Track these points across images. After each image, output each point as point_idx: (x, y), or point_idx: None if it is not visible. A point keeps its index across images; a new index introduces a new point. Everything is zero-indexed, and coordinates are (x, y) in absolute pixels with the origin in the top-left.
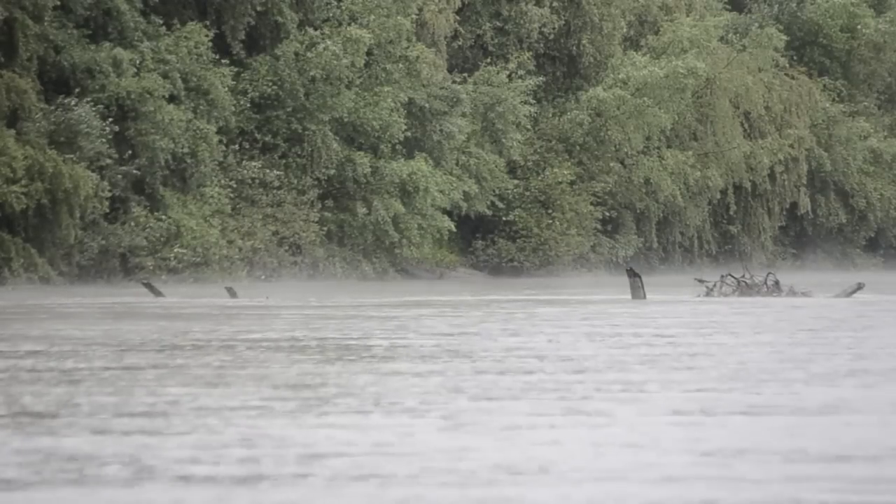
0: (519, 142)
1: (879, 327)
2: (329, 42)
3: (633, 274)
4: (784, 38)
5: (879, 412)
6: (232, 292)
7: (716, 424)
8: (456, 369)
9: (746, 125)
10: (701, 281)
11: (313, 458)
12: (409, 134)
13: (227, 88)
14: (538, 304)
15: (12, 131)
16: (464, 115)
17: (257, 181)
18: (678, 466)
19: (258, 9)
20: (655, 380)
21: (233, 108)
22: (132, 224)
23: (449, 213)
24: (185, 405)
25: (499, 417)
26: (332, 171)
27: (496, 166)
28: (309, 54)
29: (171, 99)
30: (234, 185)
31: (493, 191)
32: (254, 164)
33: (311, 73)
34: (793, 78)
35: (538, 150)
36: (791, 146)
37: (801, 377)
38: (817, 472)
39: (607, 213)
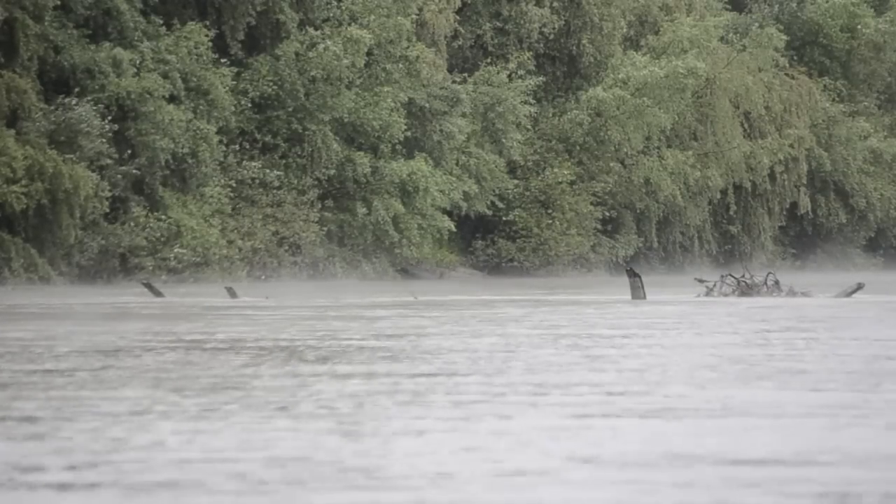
0: (519, 142)
1: (852, 328)
2: (329, 42)
3: (632, 274)
4: (784, 38)
5: (772, 416)
6: (232, 292)
7: (587, 427)
8: (386, 371)
9: (746, 125)
10: (701, 281)
11: (182, 463)
12: (409, 134)
13: (227, 88)
14: (521, 305)
15: (12, 131)
16: (464, 115)
17: (257, 181)
18: (534, 472)
19: (258, 9)
20: (570, 382)
21: (233, 108)
22: (132, 224)
23: (449, 213)
24: (73, 409)
25: (391, 422)
26: (332, 171)
27: (496, 166)
28: (309, 54)
29: (171, 99)
30: (234, 185)
31: (493, 191)
32: (254, 164)
33: (312, 73)
34: (793, 78)
35: (538, 150)
36: (791, 146)
37: (717, 378)
38: (680, 476)
39: (607, 213)
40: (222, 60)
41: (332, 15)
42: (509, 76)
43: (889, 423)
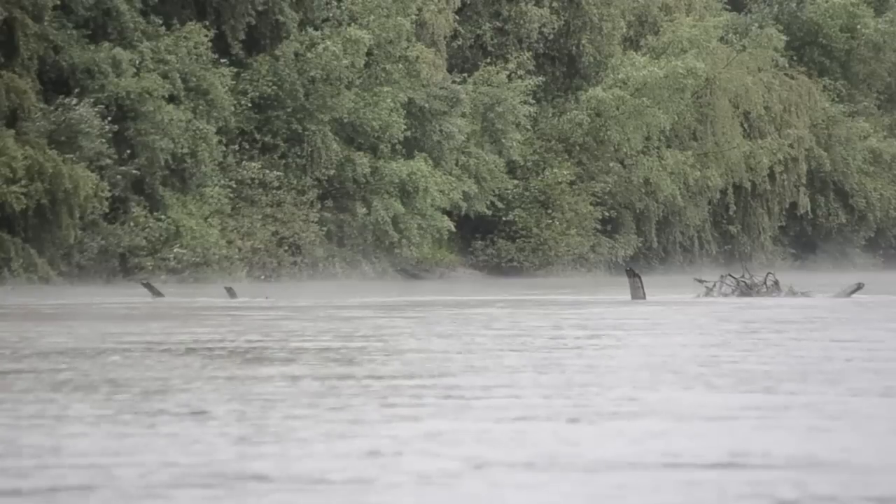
0: (519, 142)
1: (824, 329)
2: (329, 42)
3: (632, 274)
4: (784, 38)
5: (684, 417)
6: (231, 292)
7: (494, 431)
8: (320, 373)
9: (746, 125)
10: (700, 281)
11: (48, 468)
12: (408, 134)
13: (226, 88)
14: (504, 305)
15: (12, 131)
16: (463, 115)
17: (257, 181)
18: (426, 476)
19: (258, 9)
20: (500, 384)
21: (232, 109)
22: (132, 224)
23: (449, 213)
24: None
25: (300, 425)
26: (332, 172)
27: (496, 166)
28: (309, 54)
29: (171, 99)
30: (234, 186)
31: (493, 191)
32: (253, 164)
33: (311, 74)
34: (792, 78)
35: (538, 151)
36: (791, 146)
37: (653, 380)
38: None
39: (607, 213)
40: (222, 60)
41: (331, 15)
42: (509, 76)
43: (796, 426)
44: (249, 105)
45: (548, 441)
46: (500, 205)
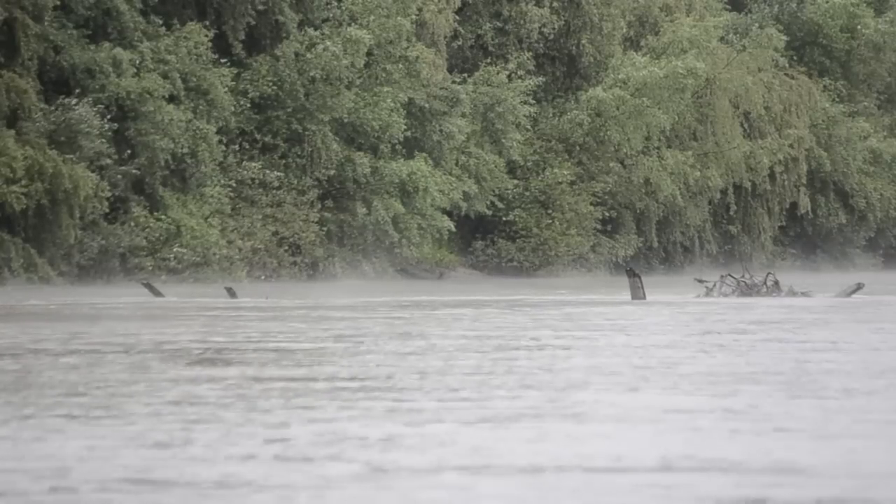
0: (519, 142)
1: (801, 331)
2: (329, 42)
3: (632, 274)
4: (784, 38)
5: (618, 420)
6: (231, 292)
7: (413, 434)
8: (261, 375)
9: (746, 125)
10: (701, 281)
11: None
12: (408, 134)
13: (226, 89)
14: (484, 306)
15: (12, 131)
16: (464, 115)
17: (257, 181)
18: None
19: (258, 9)
20: (439, 387)
21: (232, 109)
22: (132, 224)
23: (449, 213)
24: None
25: (213, 427)
26: (332, 172)
27: (496, 166)
28: (309, 55)
29: (171, 99)
30: (234, 186)
31: (493, 191)
32: (253, 164)
33: (311, 74)
34: (793, 78)
35: (538, 151)
36: (791, 146)
37: (593, 382)
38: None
39: (607, 213)
40: (222, 60)
41: (331, 15)
42: (509, 76)
43: (718, 429)
44: (249, 105)
45: (465, 443)
46: (500, 205)
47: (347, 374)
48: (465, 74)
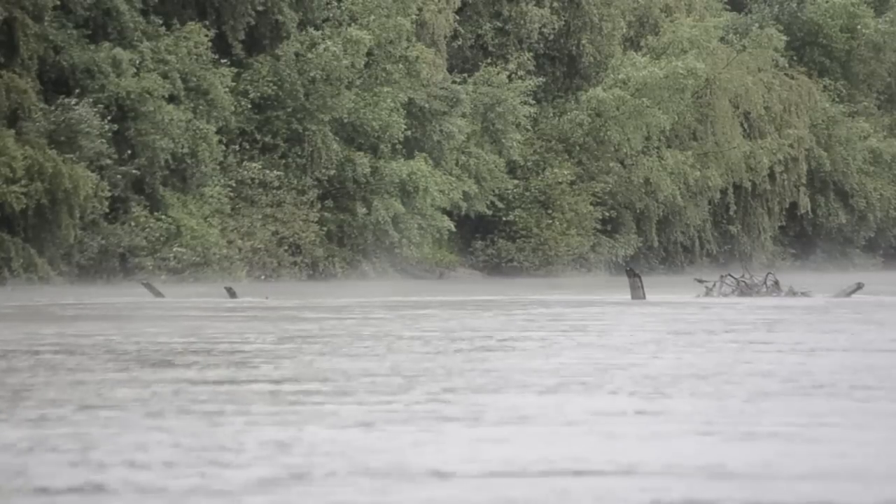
0: (519, 142)
1: (782, 331)
2: (329, 42)
3: (632, 274)
4: (784, 38)
5: (554, 423)
6: (231, 292)
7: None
8: (196, 377)
9: (746, 125)
10: (700, 281)
11: None
12: (408, 134)
13: (226, 88)
14: (462, 306)
15: (12, 131)
16: (464, 115)
17: (257, 181)
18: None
19: (258, 9)
20: (372, 390)
21: (232, 109)
22: (132, 224)
23: (449, 213)
24: None
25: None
26: (332, 172)
27: (496, 166)
28: (309, 55)
29: (171, 99)
30: (234, 185)
31: (493, 191)
32: (254, 164)
33: (312, 74)
34: (793, 78)
35: (538, 151)
36: (791, 146)
37: (534, 384)
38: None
39: (607, 213)
40: (222, 60)
41: (331, 15)
42: (509, 76)
43: (642, 433)
44: (249, 105)
45: (389, 449)
46: (500, 205)
47: (278, 376)
48: (465, 74)
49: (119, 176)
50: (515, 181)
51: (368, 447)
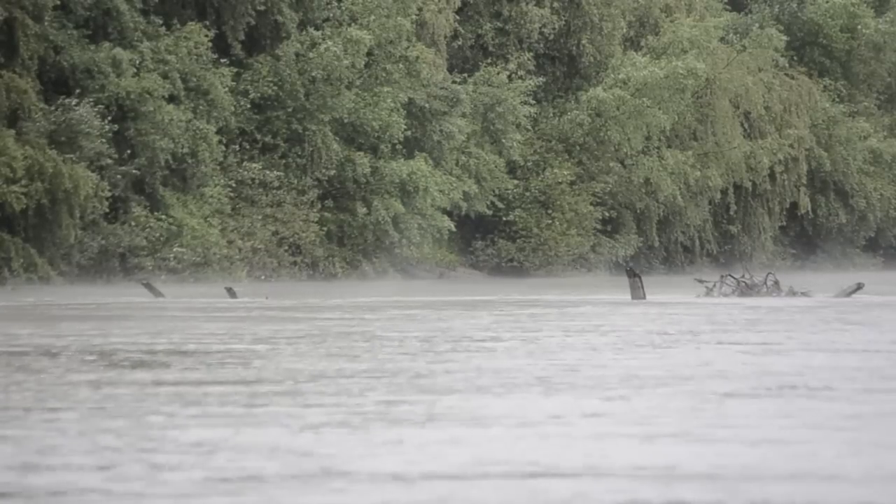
0: (519, 142)
1: (759, 331)
2: (329, 42)
3: (632, 274)
4: (784, 38)
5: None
6: (231, 292)
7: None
8: (155, 379)
9: (746, 125)
10: (701, 281)
11: None
12: (409, 134)
13: (226, 89)
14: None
15: (12, 131)
16: (464, 115)
17: (257, 181)
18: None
19: (258, 9)
20: (317, 391)
21: (232, 109)
22: (132, 224)
23: (449, 213)
24: None
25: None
26: (332, 172)
27: (496, 166)
28: (309, 55)
29: (171, 99)
30: (234, 186)
31: (493, 191)
32: (254, 164)
33: (312, 74)
34: (793, 78)
35: (538, 151)
36: (791, 146)
37: (483, 385)
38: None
39: (607, 213)
40: (222, 60)
41: (332, 15)
42: (509, 76)
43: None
44: (249, 105)
45: (330, 452)
46: (500, 205)
47: (236, 377)
48: (465, 74)
49: (119, 176)
50: (515, 181)
51: (306, 450)
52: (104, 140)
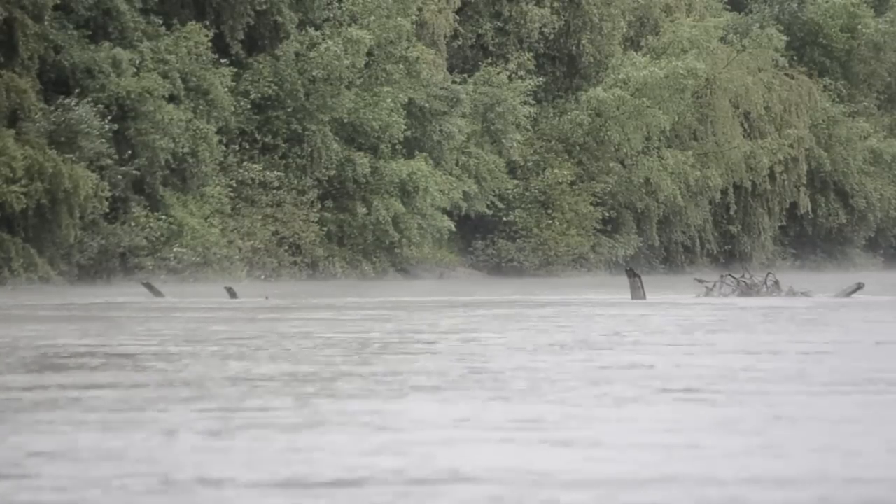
0: (519, 142)
1: (738, 331)
2: (329, 42)
3: (632, 274)
4: (784, 38)
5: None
6: (231, 292)
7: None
8: (101, 381)
9: (746, 125)
10: (701, 281)
11: None
12: (409, 134)
13: (226, 89)
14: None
15: (12, 131)
16: (464, 115)
17: (257, 181)
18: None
19: (258, 9)
20: (267, 392)
21: (232, 109)
22: (132, 224)
23: (449, 213)
24: None
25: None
26: (332, 172)
27: (496, 166)
28: (309, 55)
29: (171, 99)
30: (235, 185)
31: (493, 191)
32: (254, 164)
33: (312, 74)
34: (793, 78)
35: (538, 151)
36: (791, 146)
37: (443, 386)
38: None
39: (607, 214)
40: (222, 60)
41: (332, 15)
42: (509, 76)
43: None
44: (250, 105)
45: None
46: (500, 205)
47: (166, 379)
48: (465, 74)
49: (119, 176)
50: (515, 181)
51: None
52: (104, 140)
